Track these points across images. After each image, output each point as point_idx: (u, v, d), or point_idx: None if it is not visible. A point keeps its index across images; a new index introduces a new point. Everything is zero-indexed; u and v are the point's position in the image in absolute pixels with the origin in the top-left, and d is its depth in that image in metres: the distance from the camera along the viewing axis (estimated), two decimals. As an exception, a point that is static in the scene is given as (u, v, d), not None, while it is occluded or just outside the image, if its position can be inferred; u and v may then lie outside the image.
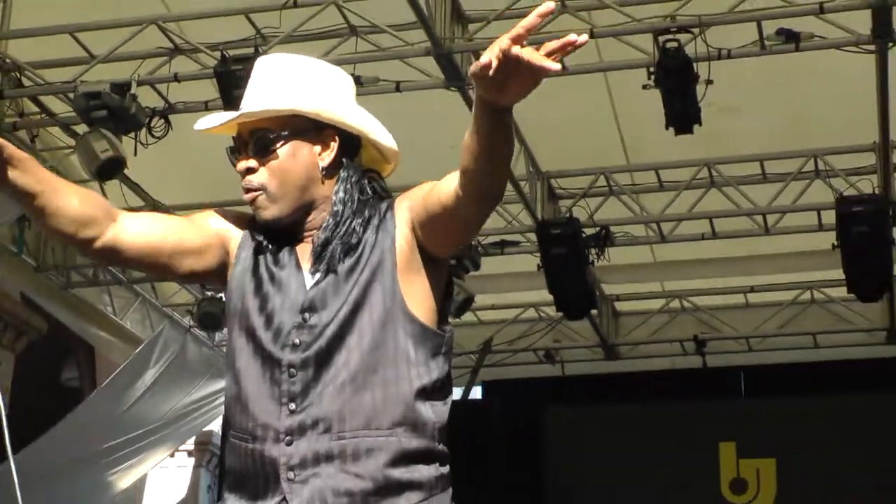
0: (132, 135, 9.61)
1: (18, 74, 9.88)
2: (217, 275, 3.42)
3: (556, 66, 2.80)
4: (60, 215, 3.14)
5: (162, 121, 9.70)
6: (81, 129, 9.67)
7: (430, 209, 3.14)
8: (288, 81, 3.31)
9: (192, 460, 15.00)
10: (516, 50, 2.81)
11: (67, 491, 12.22)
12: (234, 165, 3.30)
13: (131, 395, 12.38)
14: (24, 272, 12.03)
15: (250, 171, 3.24)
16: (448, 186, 3.08)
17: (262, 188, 3.23)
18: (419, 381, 3.18)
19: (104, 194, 11.12)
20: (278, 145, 3.23)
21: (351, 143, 3.32)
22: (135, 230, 3.25)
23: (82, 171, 10.01)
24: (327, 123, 3.27)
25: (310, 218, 3.28)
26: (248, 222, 3.38)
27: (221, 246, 3.36)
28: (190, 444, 13.77)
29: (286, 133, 3.24)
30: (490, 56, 2.80)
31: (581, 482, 13.34)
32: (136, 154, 9.70)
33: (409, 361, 3.18)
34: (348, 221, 3.23)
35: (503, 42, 2.81)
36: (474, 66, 2.82)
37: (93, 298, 12.45)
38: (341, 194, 3.26)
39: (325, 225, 3.24)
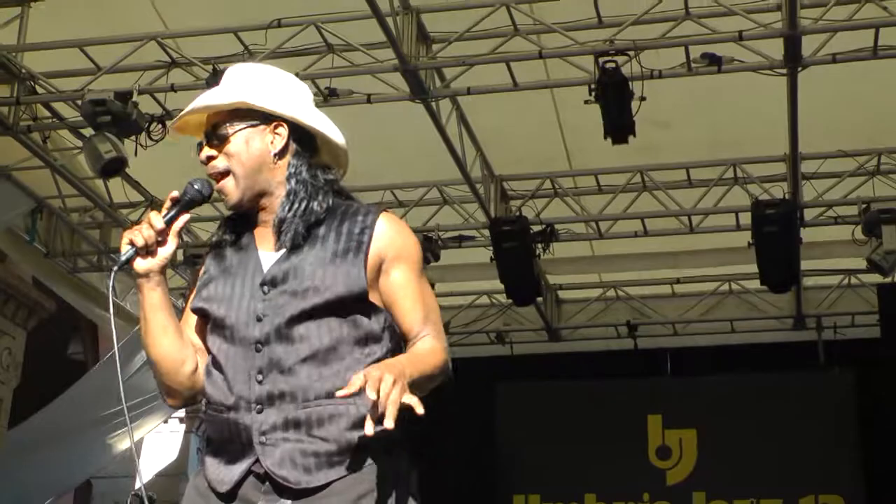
0: (133, 138, 9.59)
1: (32, 83, 9.86)
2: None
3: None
4: (173, 351, 3.27)
5: (159, 126, 9.68)
6: (88, 132, 9.62)
7: (388, 302, 3.27)
8: (242, 82, 3.36)
9: (182, 426, 14.95)
10: None
11: (74, 451, 12.20)
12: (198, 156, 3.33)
13: (130, 368, 12.30)
14: (36, 258, 11.97)
15: (210, 158, 3.27)
16: (408, 335, 3.26)
17: (227, 171, 3.25)
18: (373, 356, 3.17)
19: (108, 190, 11.19)
20: (231, 133, 3.25)
21: (304, 139, 3.33)
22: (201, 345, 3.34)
23: (88, 170, 10.01)
24: (275, 115, 3.29)
25: (266, 203, 3.28)
26: (211, 246, 3.44)
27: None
28: (181, 412, 13.72)
29: (239, 124, 3.26)
30: None
31: (528, 449, 13.36)
32: (136, 154, 9.68)
33: (365, 338, 3.19)
34: (304, 201, 3.23)
35: None
36: None
37: (96, 282, 12.40)
38: (293, 173, 3.27)
39: (281, 204, 3.25)
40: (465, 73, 9.38)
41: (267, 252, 3.25)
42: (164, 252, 3.19)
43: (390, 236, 3.27)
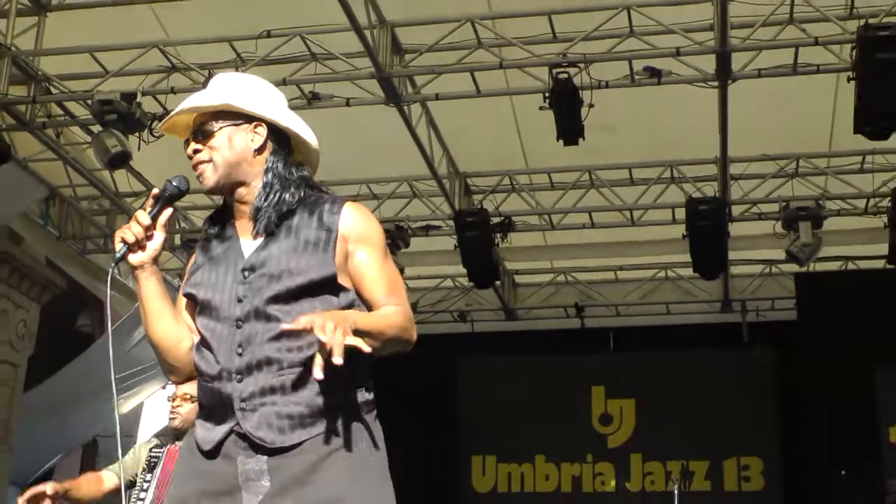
0: (136, 134, 9.56)
1: (47, 84, 9.82)
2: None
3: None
4: (171, 334, 3.26)
5: (160, 124, 9.68)
6: (96, 128, 9.58)
7: (355, 281, 3.22)
8: (226, 88, 3.35)
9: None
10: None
11: (82, 413, 12.14)
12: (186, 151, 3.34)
13: (132, 339, 12.31)
14: (49, 240, 11.91)
15: (196, 151, 3.25)
16: (373, 308, 3.20)
17: (207, 160, 3.23)
18: None
19: (114, 181, 11.15)
20: (216, 129, 3.25)
21: (280, 139, 3.34)
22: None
23: (96, 162, 9.98)
24: (255, 116, 3.29)
25: (244, 192, 3.26)
26: (200, 238, 3.42)
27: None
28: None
29: (222, 122, 3.26)
30: None
31: (485, 416, 13.37)
32: (139, 149, 9.65)
33: (335, 309, 3.13)
34: (278, 193, 3.22)
35: None
36: None
37: (103, 262, 12.34)
38: (270, 167, 3.27)
39: (258, 195, 3.24)
40: (433, 80, 9.38)
41: (247, 241, 3.24)
42: (154, 245, 3.18)
43: (354, 223, 3.24)
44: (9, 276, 12.68)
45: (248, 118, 3.29)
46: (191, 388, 5.90)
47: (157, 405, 13.40)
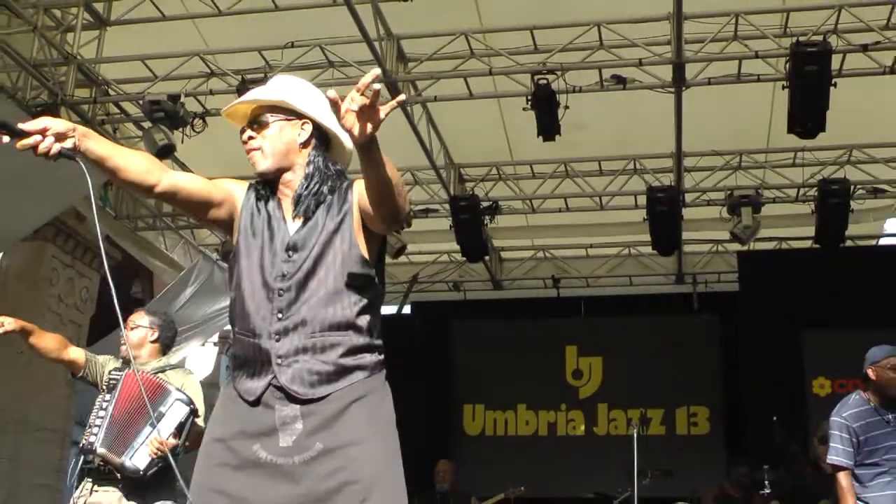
0: (180, 129, 9.59)
1: (106, 87, 9.84)
2: (224, 223, 3.35)
3: (335, 98, 2.81)
4: (129, 170, 3.08)
5: (201, 121, 9.69)
6: (147, 124, 9.61)
7: (364, 204, 3.17)
8: (283, 87, 3.38)
9: (216, 348, 14.96)
10: (345, 105, 2.82)
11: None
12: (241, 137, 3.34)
13: (177, 304, 12.35)
14: (107, 219, 11.90)
15: (251, 138, 3.28)
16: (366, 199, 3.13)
17: (258, 148, 3.27)
18: (362, 301, 3.19)
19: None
20: (270, 121, 3.29)
21: (322, 137, 3.36)
22: (185, 181, 3.21)
23: (147, 151, 10.03)
24: (302, 114, 3.33)
25: (289, 178, 3.29)
26: (248, 189, 3.36)
27: (232, 203, 3.32)
28: (215, 338, 13.75)
29: (276, 116, 3.30)
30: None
31: (476, 371, 13.36)
32: (182, 142, 9.66)
33: (359, 287, 3.19)
34: (318, 184, 3.25)
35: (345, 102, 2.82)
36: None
37: (152, 238, 12.41)
38: (312, 160, 3.30)
39: (300, 183, 3.27)
40: (432, 85, 9.41)
41: (289, 220, 3.26)
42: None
43: (356, 189, 3.27)
44: (73, 249, 12.76)
45: (298, 115, 3.33)
46: (140, 319, 5.87)
47: (197, 357, 13.47)
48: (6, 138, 2.88)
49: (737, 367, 12.22)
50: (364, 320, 3.20)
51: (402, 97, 2.90)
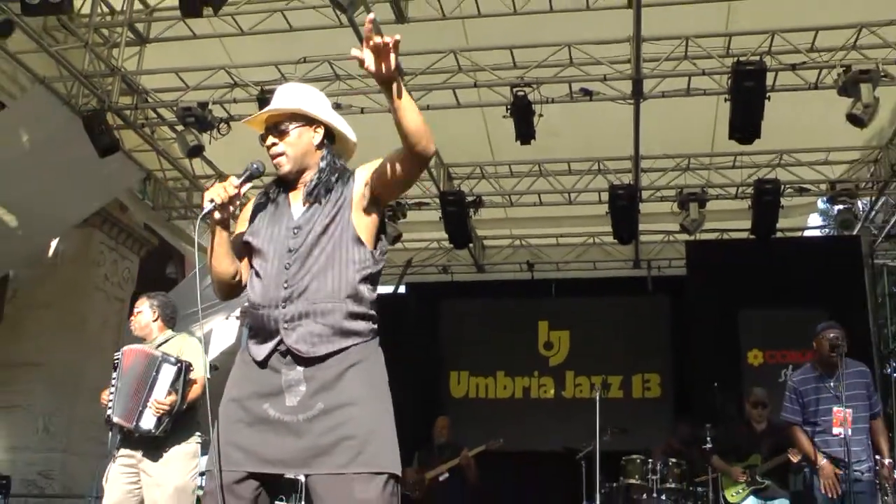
0: (208, 132, 9.61)
1: (146, 95, 9.87)
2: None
3: (361, 56, 2.92)
4: (228, 270, 3.26)
5: (225, 125, 9.69)
6: (180, 128, 9.62)
7: (382, 170, 3.17)
8: (295, 95, 3.36)
9: (238, 321, 14.95)
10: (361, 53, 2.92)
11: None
12: (263, 143, 3.32)
13: (204, 283, 12.27)
14: (145, 209, 11.92)
15: (274, 145, 3.27)
16: (395, 154, 3.15)
17: (282, 153, 3.26)
18: (360, 273, 3.18)
19: (191, 166, 11.17)
20: (290, 129, 3.28)
21: (330, 134, 3.38)
22: (242, 265, 3.32)
23: (180, 152, 10.02)
24: (316, 119, 3.33)
25: (305, 175, 3.30)
26: (253, 204, 3.39)
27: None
28: (237, 312, 13.74)
29: (295, 123, 3.29)
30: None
31: (461, 343, 13.40)
32: (210, 143, 9.67)
33: (355, 262, 3.19)
34: (329, 178, 3.26)
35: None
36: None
37: (184, 226, 12.34)
38: (324, 160, 3.31)
39: (314, 177, 3.27)
40: (425, 95, 9.41)
41: (297, 206, 3.26)
42: (231, 208, 3.21)
43: (357, 175, 3.29)
44: (117, 235, 12.81)
45: (312, 120, 3.33)
46: (142, 304, 5.91)
47: (221, 328, 13.46)
48: (218, 214, 3.19)
49: (684, 340, 12.27)
50: (360, 291, 3.19)
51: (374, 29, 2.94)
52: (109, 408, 5.49)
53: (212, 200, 3.17)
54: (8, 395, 11.87)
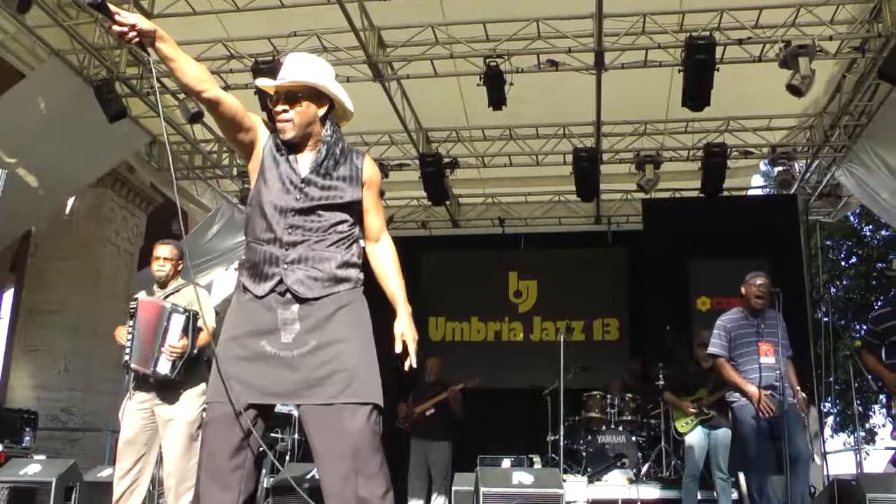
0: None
1: (151, 66, 9.76)
2: (246, 148, 3.34)
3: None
4: (186, 73, 3.12)
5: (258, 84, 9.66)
6: (181, 95, 9.59)
7: (364, 209, 3.34)
8: (306, 67, 3.34)
9: (237, 273, 14.96)
10: None
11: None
12: (272, 106, 3.32)
13: (205, 238, 12.32)
14: (151, 170, 11.83)
15: (284, 111, 3.28)
16: (374, 232, 3.41)
17: (290, 120, 3.27)
18: (352, 230, 3.27)
19: (192, 131, 11.10)
20: (300, 97, 3.29)
21: (332, 105, 3.39)
22: (227, 97, 3.22)
23: (182, 118, 9.95)
24: (325, 92, 3.34)
25: (309, 142, 3.32)
26: (269, 136, 3.34)
27: (255, 135, 3.31)
28: (236, 265, 13.72)
29: (304, 93, 3.30)
30: None
31: (439, 291, 13.29)
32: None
33: (349, 221, 3.27)
34: (335, 147, 3.30)
35: None
36: None
37: (186, 186, 12.36)
38: (331, 125, 3.34)
39: (320, 148, 3.30)
40: (406, 66, 9.41)
41: (306, 165, 3.28)
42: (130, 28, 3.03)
43: (370, 170, 3.36)
44: (126, 194, 12.75)
45: (322, 93, 3.34)
46: (170, 252, 5.81)
47: (221, 279, 13.45)
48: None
49: (640, 288, 12.33)
50: (352, 244, 3.26)
51: None
52: (127, 354, 5.49)
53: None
54: (32, 338, 12.01)
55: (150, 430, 5.54)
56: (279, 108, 3.31)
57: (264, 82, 3.41)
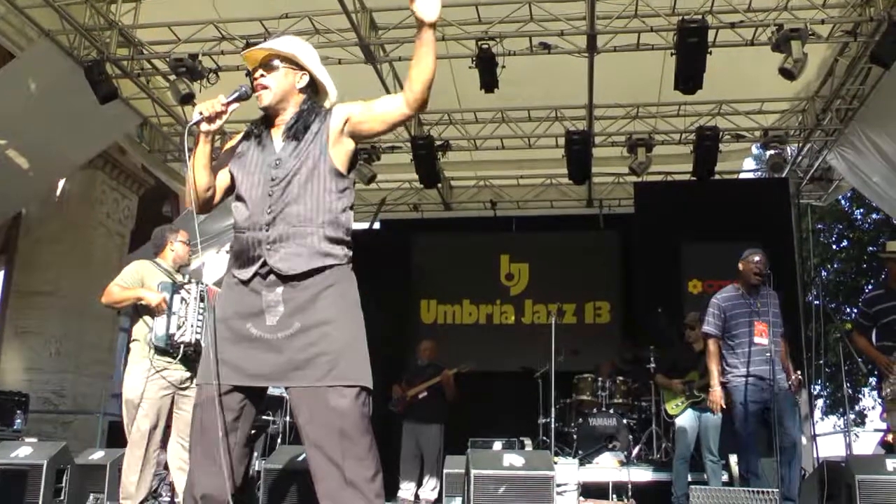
0: (198, 81, 9.52)
1: (141, 47, 9.73)
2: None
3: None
4: (201, 179, 3.23)
5: (214, 75, 9.62)
6: (172, 77, 9.53)
7: (374, 108, 3.27)
8: (290, 43, 3.39)
9: (228, 255, 14.94)
10: None
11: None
12: (251, 75, 3.35)
13: (197, 220, 12.26)
14: (143, 152, 11.80)
15: (262, 76, 3.31)
16: (391, 98, 3.29)
17: (267, 87, 3.29)
18: (337, 201, 3.21)
19: (184, 112, 11.06)
20: (278, 67, 3.32)
21: (313, 83, 3.42)
22: (220, 186, 3.32)
23: (173, 100, 9.91)
24: (303, 66, 3.37)
25: (285, 114, 3.33)
26: (239, 139, 3.40)
27: (228, 166, 3.36)
28: (227, 246, 13.70)
29: (284, 64, 3.33)
30: None
31: (431, 274, 13.31)
32: (200, 91, 9.56)
33: (331, 191, 3.21)
34: (306, 116, 3.29)
35: None
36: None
37: (178, 168, 12.31)
38: (306, 100, 3.35)
39: (293, 116, 3.31)
40: (397, 48, 9.37)
41: (279, 141, 3.27)
42: (219, 123, 3.23)
43: (335, 112, 3.31)
44: (118, 176, 12.71)
45: (300, 66, 3.37)
46: (187, 237, 5.98)
47: (213, 261, 13.42)
48: (205, 126, 3.22)
49: (631, 271, 12.33)
50: (335, 218, 3.21)
51: None
52: (175, 331, 5.48)
53: (200, 113, 3.20)
54: (24, 321, 11.99)
55: (167, 399, 5.57)
56: (257, 73, 3.35)
57: (248, 49, 3.46)
